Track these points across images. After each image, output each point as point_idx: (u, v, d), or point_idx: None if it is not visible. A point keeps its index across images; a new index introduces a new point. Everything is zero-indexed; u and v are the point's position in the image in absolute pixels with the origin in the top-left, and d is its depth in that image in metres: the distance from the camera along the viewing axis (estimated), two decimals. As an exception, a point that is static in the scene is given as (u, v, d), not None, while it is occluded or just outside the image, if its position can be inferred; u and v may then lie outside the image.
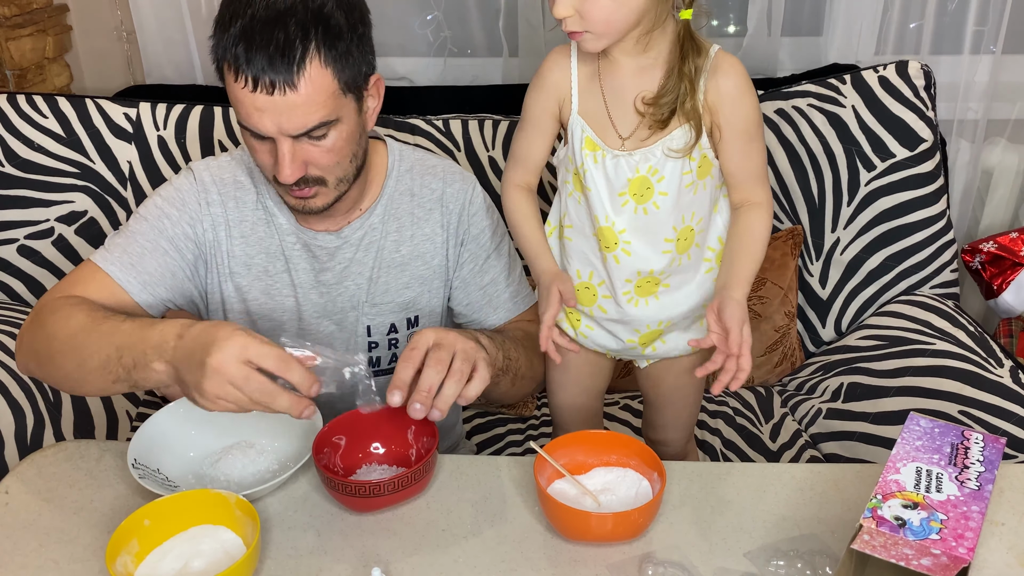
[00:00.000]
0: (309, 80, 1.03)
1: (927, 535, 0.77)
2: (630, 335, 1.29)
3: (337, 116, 1.07)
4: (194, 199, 1.22)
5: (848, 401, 1.67)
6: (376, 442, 1.11)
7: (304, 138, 1.07)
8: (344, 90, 1.07)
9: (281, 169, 1.07)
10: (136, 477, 1.02)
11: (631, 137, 1.15)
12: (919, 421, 0.92)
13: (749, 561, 0.95)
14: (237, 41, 1.01)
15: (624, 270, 1.22)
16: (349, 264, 1.25)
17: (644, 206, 1.17)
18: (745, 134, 1.15)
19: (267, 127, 1.05)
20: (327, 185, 1.13)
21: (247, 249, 1.24)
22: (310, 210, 1.15)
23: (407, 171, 1.28)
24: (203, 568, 0.92)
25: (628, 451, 1.05)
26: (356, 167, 1.16)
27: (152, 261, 1.17)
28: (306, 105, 1.04)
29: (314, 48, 1.02)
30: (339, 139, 1.09)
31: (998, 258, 1.94)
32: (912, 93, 1.78)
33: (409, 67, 2.14)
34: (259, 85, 1.02)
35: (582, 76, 1.17)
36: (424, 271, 1.28)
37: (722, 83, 1.12)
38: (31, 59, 2.02)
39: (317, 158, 1.09)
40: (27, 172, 1.78)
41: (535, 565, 0.95)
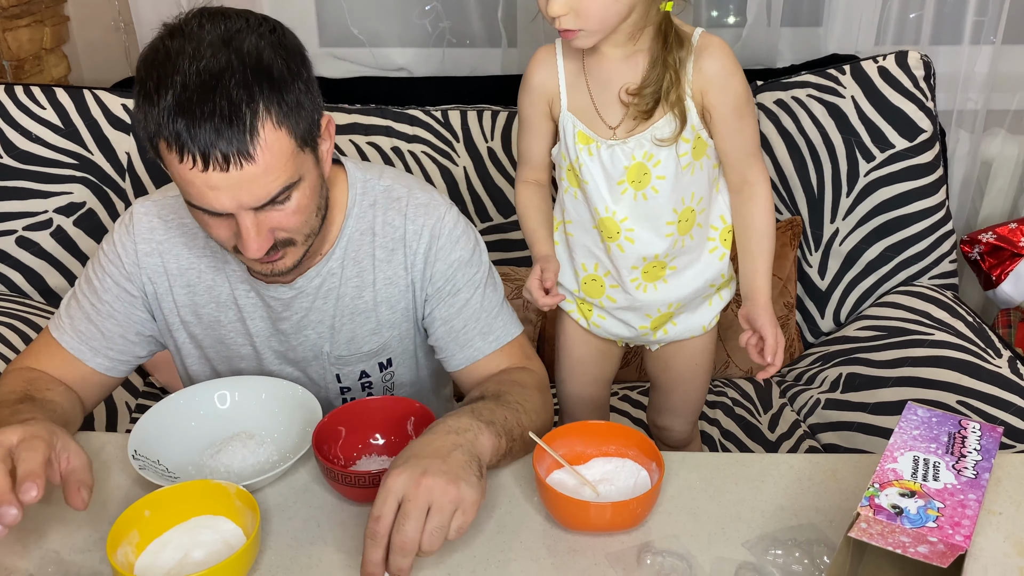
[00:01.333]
0: (266, 147, 0.91)
1: (924, 523, 0.77)
2: (641, 321, 1.31)
3: (299, 176, 0.97)
4: (128, 254, 1.15)
5: (846, 391, 1.67)
6: (376, 433, 1.11)
7: (267, 206, 0.96)
8: (301, 146, 0.96)
9: (248, 245, 0.97)
10: (136, 468, 1.02)
11: (620, 127, 1.17)
12: (917, 410, 0.93)
13: (747, 550, 0.96)
14: (172, 115, 0.88)
15: (629, 258, 1.23)
16: (307, 314, 1.17)
17: (643, 192, 1.19)
18: (735, 112, 1.16)
19: (225, 204, 0.93)
20: (296, 244, 1.04)
21: (194, 299, 1.17)
22: (279, 272, 1.06)
23: (369, 206, 1.15)
24: (203, 558, 0.92)
25: (627, 441, 1.05)
26: (321, 218, 1.07)
27: (102, 325, 1.16)
28: (266, 174, 0.93)
29: (263, 108, 0.90)
30: (303, 198, 0.99)
31: (997, 248, 1.94)
32: (912, 83, 1.78)
33: (408, 57, 2.13)
34: (210, 162, 0.90)
35: (568, 73, 1.18)
36: (391, 316, 1.19)
37: (707, 66, 1.12)
38: (28, 50, 2.01)
39: (282, 222, 0.99)
40: (25, 163, 1.78)
41: (534, 555, 0.96)
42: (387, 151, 1.83)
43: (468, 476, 0.89)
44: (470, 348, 1.18)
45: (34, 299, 1.80)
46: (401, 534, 0.84)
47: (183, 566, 0.91)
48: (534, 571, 0.93)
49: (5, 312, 1.66)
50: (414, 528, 0.84)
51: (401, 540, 0.84)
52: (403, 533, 0.84)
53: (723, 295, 1.34)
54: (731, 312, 1.81)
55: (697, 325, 1.33)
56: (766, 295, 1.22)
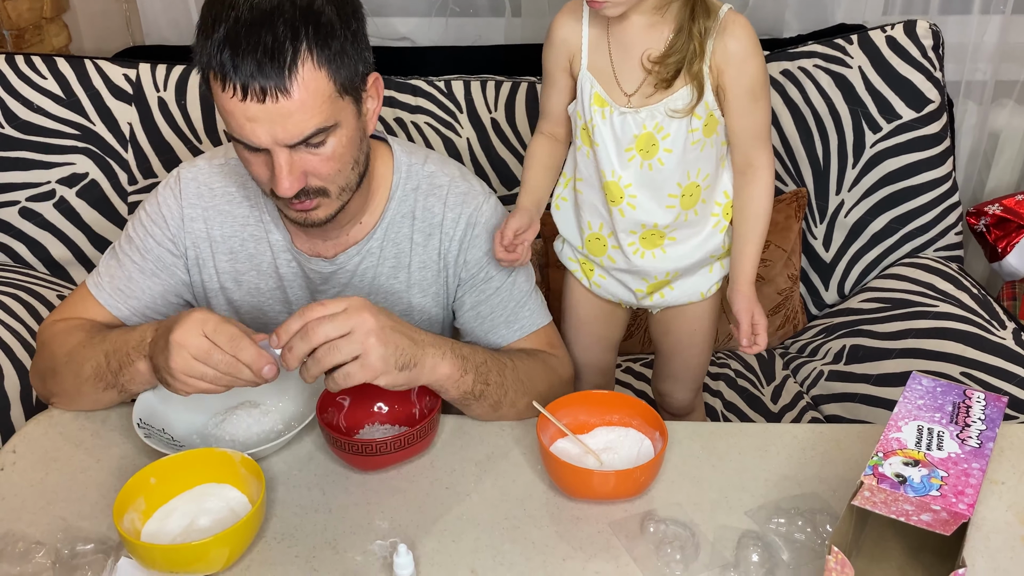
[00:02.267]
0: (303, 84, 0.94)
1: (927, 492, 0.77)
2: (638, 284, 1.32)
3: (335, 121, 0.99)
4: (174, 216, 1.17)
5: (850, 363, 1.67)
6: (380, 402, 1.12)
7: (301, 147, 0.99)
8: (341, 92, 0.99)
9: (279, 182, 0.99)
10: (142, 437, 1.03)
11: (636, 94, 1.16)
12: (921, 380, 0.93)
13: (750, 519, 0.96)
14: (222, 47, 0.93)
15: (628, 222, 1.25)
16: (344, 290, 1.20)
17: (649, 162, 1.19)
18: (750, 94, 1.16)
19: (261, 138, 0.97)
20: (329, 196, 1.05)
21: (236, 266, 1.19)
22: (312, 223, 1.07)
23: (412, 190, 1.18)
24: (209, 525, 0.93)
25: (630, 411, 1.05)
26: (359, 174, 1.08)
27: (140, 284, 1.17)
28: (301, 111, 0.95)
29: (306, 49, 0.94)
30: (339, 146, 1.01)
31: (1003, 220, 1.93)
32: (920, 53, 1.76)
33: (410, 27, 2.11)
34: (249, 93, 0.93)
35: (592, 33, 1.18)
36: (422, 300, 1.21)
37: (729, 44, 1.12)
38: (28, 19, 1.99)
39: (317, 167, 1.01)
40: (27, 134, 1.77)
41: (538, 522, 0.96)
42: (390, 122, 1.82)
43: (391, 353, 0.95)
44: (494, 335, 1.20)
45: (38, 270, 1.80)
46: (315, 324, 0.92)
47: (189, 533, 0.92)
48: (538, 538, 0.94)
49: (9, 283, 1.66)
50: (325, 330, 0.92)
51: (312, 327, 0.92)
52: (317, 325, 0.92)
53: (724, 263, 1.34)
54: (735, 284, 1.81)
55: (695, 291, 1.34)
56: (749, 279, 1.24)
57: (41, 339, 1.17)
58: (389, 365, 0.95)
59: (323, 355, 0.93)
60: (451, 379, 1.03)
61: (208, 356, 0.95)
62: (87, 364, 1.08)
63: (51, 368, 1.13)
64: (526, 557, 0.92)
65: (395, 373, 0.96)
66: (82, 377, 1.09)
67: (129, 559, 0.90)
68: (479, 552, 0.93)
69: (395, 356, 0.96)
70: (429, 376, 1.01)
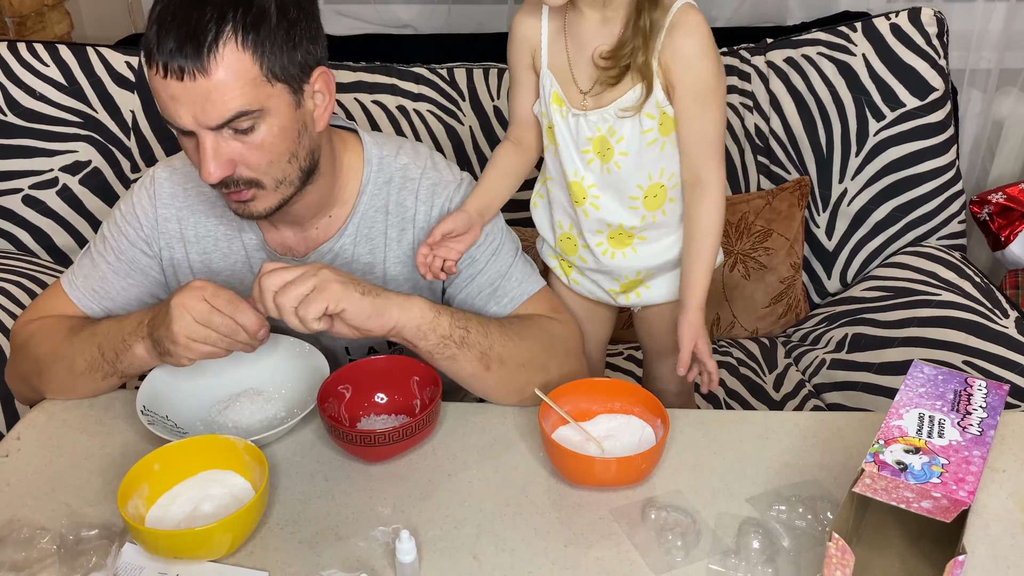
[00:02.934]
0: (221, 63, 0.93)
1: (928, 479, 0.77)
2: (611, 284, 1.31)
3: (261, 107, 0.97)
4: (148, 217, 1.16)
5: (852, 352, 1.67)
6: (380, 392, 1.12)
7: (227, 131, 0.97)
8: (269, 78, 0.97)
9: (202, 166, 0.98)
10: (145, 423, 1.03)
11: (590, 92, 1.14)
12: (923, 368, 0.93)
13: (751, 506, 0.96)
14: (152, 26, 0.94)
15: (593, 222, 1.23)
16: None
17: (607, 165, 1.17)
18: (697, 98, 1.11)
19: (183, 118, 0.96)
20: (264, 188, 1.03)
21: (210, 266, 1.19)
22: (251, 215, 1.06)
23: (385, 183, 1.16)
24: (213, 511, 0.94)
25: (632, 398, 1.06)
26: (300, 168, 1.05)
27: (114, 285, 1.17)
28: (219, 92, 0.94)
29: (230, 30, 0.93)
30: (269, 135, 0.99)
31: (1006, 209, 1.92)
32: (924, 41, 1.75)
33: (413, 14, 2.11)
34: (169, 71, 0.93)
35: (552, 29, 1.16)
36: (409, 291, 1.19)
37: (678, 41, 1.08)
38: (30, 6, 1.99)
39: (245, 155, 0.99)
40: (29, 121, 1.77)
41: (540, 509, 0.97)
42: (392, 110, 1.82)
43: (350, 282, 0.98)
44: (486, 314, 1.18)
45: (41, 257, 1.80)
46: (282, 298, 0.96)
47: (193, 518, 0.93)
48: (540, 525, 0.95)
49: (13, 270, 1.67)
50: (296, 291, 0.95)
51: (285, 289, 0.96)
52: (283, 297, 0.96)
53: None
54: (737, 272, 1.80)
55: (673, 290, 1.29)
56: (697, 304, 1.18)
57: (17, 340, 1.17)
58: (349, 289, 0.97)
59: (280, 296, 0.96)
60: (426, 319, 1.02)
61: (209, 319, 0.97)
62: (79, 359, 1.09)
63: (35, 369, 1.13)
64: (528, 543, 0.92)
65: (359, 297, 0.98)
66: (76, 372, 1.10)
67: (133, 545, 0.91)
68: (481, 538, 0.93)
69: (352, 283, 0.98)
70: (399, 312, 1.01)
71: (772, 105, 1.82)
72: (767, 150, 1.84)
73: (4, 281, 1.61)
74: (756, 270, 1.81)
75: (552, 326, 1.16)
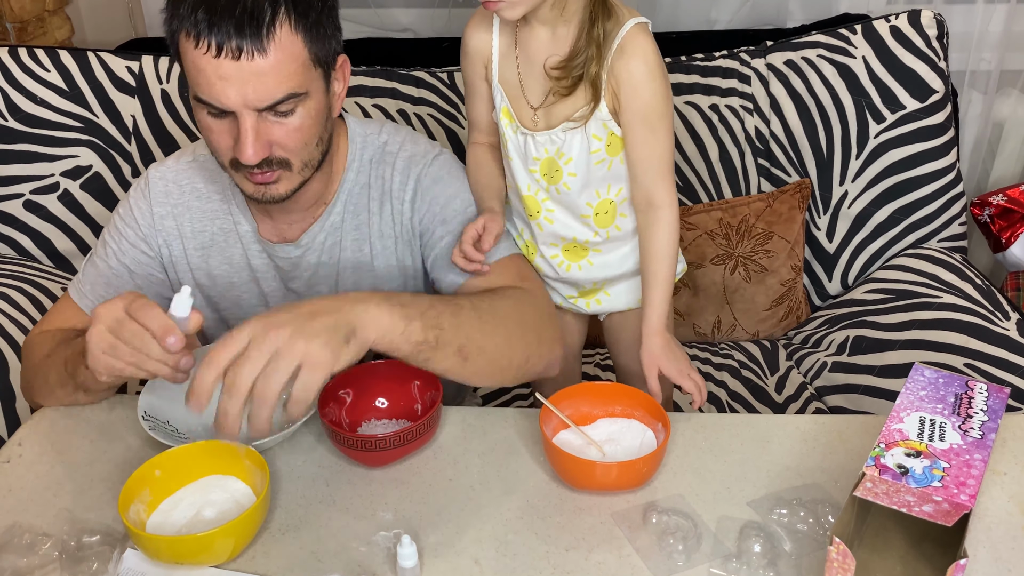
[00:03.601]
0: (279, 45, 0.95)
1: (929, 483, 0.77)
2: (569, 291, 1.31)
3: (306, 90, 1.00)
4: (144, 217, 1.17)
5: (853, 354, 1.67)
6: (381, 397, 1.12)
7: (268, 114, 0.99)
8: (314, 62, 1.00)
9: (243, 148, 0.98)
10: (147, 429, 1.03)
11: (541, 107, 1.14)
12: (923, 371, 0.93)
13: (752, 510, 0.96)
14: (197, 7, 0.93)
15: (547, 235, 1.24)
16: (315, 271, 1.19)
17: (556, 186, 1.18)
18: (644, 122, 1.10)
19: (231, 99, 0.96)
20: (291, 169, 1.04)
21: (208, 261, 1.19)
22: (270, 198, 1.06)
23: (368, 161, 1.18)
24: (214, 516, 0.94)
25: (633, 402, 1.06)
26: (321, 152, 1.08)
27: (121, 287, 1.18)
28: (275, 73, 0.96)
29: (284, 12, 0.95)
30: (307, 117, 1.01)
31: (1007, 211, 1.92)
32: (924, 43, 1.75)
33: (412, 18, 2.11)
34: (224, 50, 0.93)
35: (502, 44, 1.16)
36: (387, 270, 1.20)
37: (627, 64, 1.08)
38: (31, 11, 1.99)
39: (282, 138, 1.01)
40: (30, 126, 1.77)
41: (541, 513, 0.97)
42: (393, 113, 1.82)
43: (326, 337, 0.83)
44: (454, 272, 1.15)
45: (43, 263, 1.81)
46: (232, 372, 0.81)
47: (195, 524, 0.93)
48: (541, 529, 0.94)
49: (15, 275, 1.67)
50: (248, 371, 0.81)
51: (230, 379, 0.81)
52: (235, 372, 0.81)
53: None
54: (738, 275, 1.80)
55: (634, 298, 1.29)
56: (656, 328, 1.16)
57: (23, 352, 1.19)
58: (335, 346, 0.84)
59: (261, 391, 0.81)
60: (397, 330, 0.90)
61: (120, 328, 0.91)
62: (52, 373, 1.10)
63: (27, 379, 1.16)
64: (529, 548, 0.92)
65: (346, 348, 0.85)
66: (50, 385, 1.12)
67: (135, 550, 0.91)
68: (482, 543, 0.93)
69: (332, 336, 0.84)
70: (374, 329, 0.88)
71: (772, 107, 1.82)
72: (767, 152, 1.84)
73: (5, 286, 1.62)
74: (757, 273, 1.81)
75: (522, 295, 1.10)
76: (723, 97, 1.82)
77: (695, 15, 2.09)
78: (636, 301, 1.29)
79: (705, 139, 1.83)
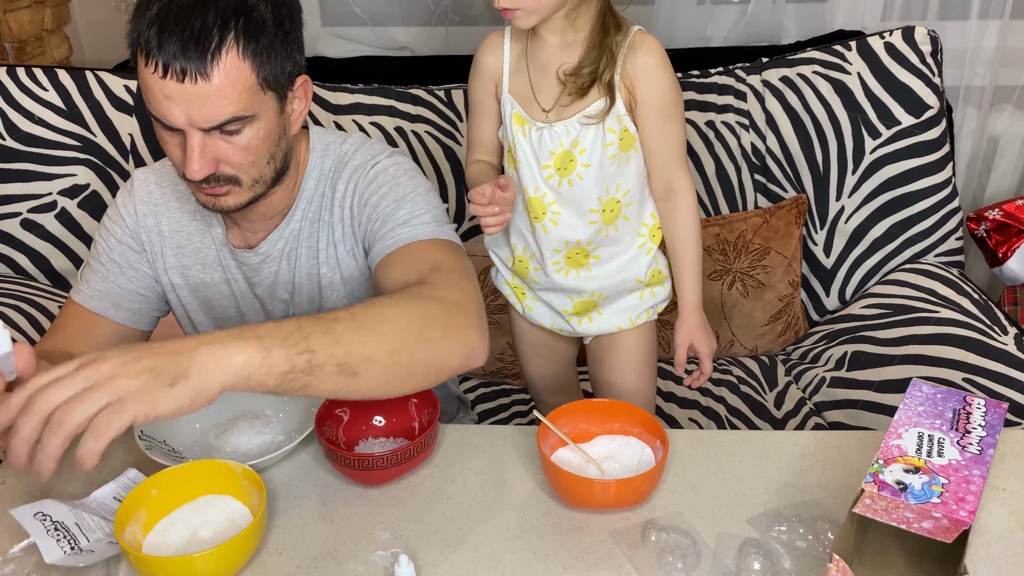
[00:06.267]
0: (224, 70, 0.96)
1: (928, 499, 0.77)
2: (564, 303, 1.34)
3: (253, 113, 1.00)
4: (130, 214, 1.21)
5: (852, 370, 1.67)
6: (378, 415, 1.11)
7: (216, 132, 1.00)
8: (263, 87, 1.00)
9: (189, 164, 1.00)
10: (143, 448, 1.03)
11: (553, 108, 1.20)
12: (921, 387, 0.92)
13: (751, 527, 0.96)
14: (151, 24, 0.95)
15: (552, 240, 1.27)
16: (275, 277, 1.20)
17: (568, 179, 1.22)
18: (662, 110, 1.19)
19: (176, 118, 0.98)
20: (241, 185, 1.06)
21: (183, 260, 1.22)
22: (221, 209, 1.08)
23: (329, 170, 1.18)
24: (211, 536, 0.93)
25: (631, 419, 1.05)
26: (274, 169, 1.08)
27: (117, 281, 1.20)
28: (218, 96, 0.97)
29: (233, 39, 0.96)
30: (255, 138, 1.02)
31: (1003, 226, 1.93)
32: (918, 59, 1.76)
33: (410, 36, 2.12)
34: (169, 71, 0.95)
35: (513, 57, 1.23)
36: (331, 276, 1.19)
37: (640, 59, 1.17)
38: (30, 31, 2.00)
39: (229, 155, 1.02)
40: (28, 145, 1.78)
41: (539, 532, 0.96)
42: (390, 131, 1.82)
43: (146, 379, 0.77)
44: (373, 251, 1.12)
45: (39, 281, 1.81)
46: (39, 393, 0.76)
47: (191, 544, 0.92)
48: (539, 548, 0.94)
49: (12, 294, 1.67)
50: (53, 395, 0.75)
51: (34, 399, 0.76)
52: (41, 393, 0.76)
53: (656, 292, 1.34)
54: (736, 290, 1.80)
55: (624, 317, 1.34)
56: (691, 306, 1.27)
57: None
58: (155, 392, 0.77)
59: (59, 419, 0.75)
60: (253, 364, 0.82)
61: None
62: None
63: None
64: (527, 567, 0.92)
65: (168, 392, 0.78)
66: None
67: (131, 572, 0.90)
68: (480, 562, 0.93)
69: (156, 379, 0.77)
70: (220, 374, 0.81)
71: (768, 124, 1.83)
72: (764, 168, 1.85)
73: (2, 305, 1.61)
74: (754, 288, 1.81)
75: (420, 289, 1.00)
76: (719, 113, 1.83)
77: (691, 32, 2.10)
78: (626, 320, 1.34)
79: (702, 155, 1.83)
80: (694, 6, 2.09)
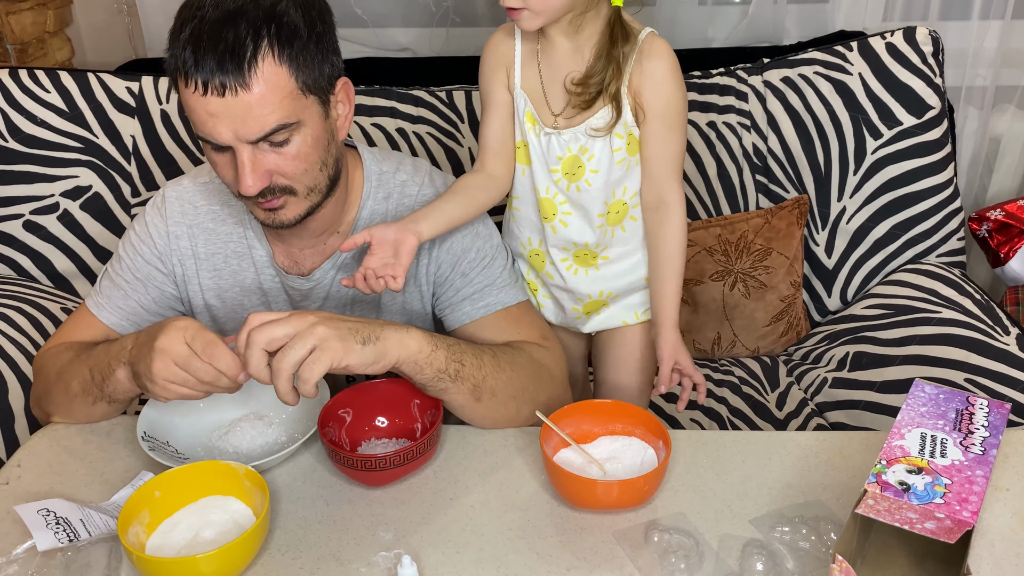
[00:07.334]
0: (262, 78, 0.96)
1: (931, 499, 0.77)
2: (573, 303, 1.34)
3: (298, 119, 1.00)
4: (160, 235, 1.19)
5: (854, 370, 1.67)
6: (381, 416, 1.11)
7: (264, 144, 1.00)
8: (304, 91, 1.00)
9: (242, 179, 1.00)
10: (146, 449, 1.03)
11: (562, 114, 1.20)
12: (924, 387, 0.92)
13: (754, 528, 0.96)
14: (186, 46, 0.96)
15: (559, 239, 1.27)
16: (323, 304, 1.21)
17: (576, 184, 1.22)
18: (664, 118, 1.17)
19: (223, 134, 0.98)
20: (296, 195, 1.06)
21: (219, 283, 1.21)
22: (280, 223, 1.08)
23: (384, 199, 1.19)
24: (214, 537, 0.93)
25: (633, 420, 1.05)
26: (328, 176, 1.08)
27: (136, 299, 1.20)
28: (261, 105, 0.97)
29: (267, 45, 0.96)
30: (304, 145, 1.02)
31: (1005, 226, 1.93)
32: (920, 60, 1.76)
33: (411, 37, 2.12)
34: (209, 88, 0.95)
35: (524, 52, 1.21)
36: (391, 305, 1.21)
37: (647, 65, 1.15)
38: (32, 33, 2.01)
39: (281, 166, 1.02)
40: (31, 147, 1.78)
41: (542, 533, 0.96)
42: (392, 132, 1.82)
43: (344, 332, 0.95)
44: (459, 312, 1.19)
45: (42, 283, 1.81)
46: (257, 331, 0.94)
47: (194, 545, 0.92)
48: (542, 549, 0.94)
49: (14, 296, 1.67)
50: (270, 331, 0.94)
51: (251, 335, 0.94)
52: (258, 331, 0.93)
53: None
54: (737, 291, 1.80)
55: (629, 312, 1.34)
56: (671, 322, 1.24)
57: (37, 365, 1.19)
58: (349, 343, 0.95)
59: (279, 361, 0.93)
60: (422, 353, 1.01)
61: (188, 363, 0.96)
62: (74, 380, 1.10)
63: (45, 390, 1.16)
64: (530, 568, 0.92)
65: (360, 349, 0.96)
66: (71, 393, 1.11)
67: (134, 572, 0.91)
68: (483, 563, 0.93)
69: (351, 334, 0.96)
70: (398, 349, 0.99)
71: (770, 124, 1.83)
72: (765, 169, 1.85)
73: (5, 307, 1.61)
74: (756, 289, 1.81)
75: (540, 353, 1.17)
76: (720, 114, 1.83)
77: (692, 33, 2.10)
78: (631, 315, 1.34)
79: (703, 156, 1.83)
80: (695, 7, 2.09)
